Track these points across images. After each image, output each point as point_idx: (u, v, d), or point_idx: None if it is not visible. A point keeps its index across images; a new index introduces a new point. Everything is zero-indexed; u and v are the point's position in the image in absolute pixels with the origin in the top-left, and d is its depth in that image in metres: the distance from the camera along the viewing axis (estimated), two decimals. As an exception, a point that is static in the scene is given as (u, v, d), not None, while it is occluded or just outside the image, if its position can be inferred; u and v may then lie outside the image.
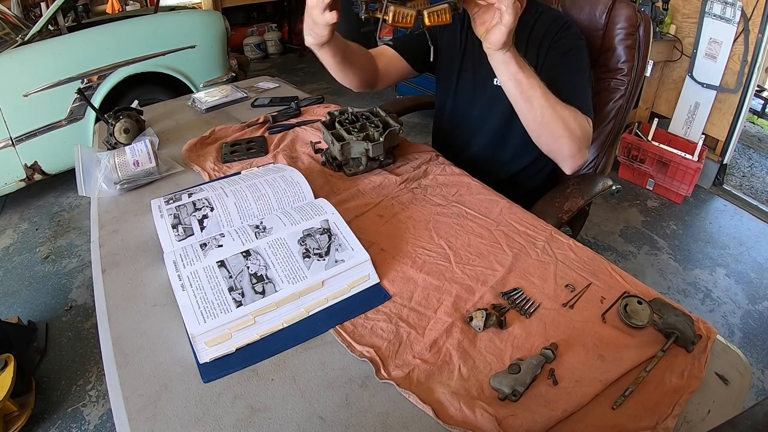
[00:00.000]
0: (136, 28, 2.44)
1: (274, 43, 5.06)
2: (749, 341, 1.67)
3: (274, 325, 0.65)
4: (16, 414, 1.36)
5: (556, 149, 0.92)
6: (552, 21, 1.03)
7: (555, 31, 1.01)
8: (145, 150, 1.00)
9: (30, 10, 3.62)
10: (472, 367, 0.59)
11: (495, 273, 0.74)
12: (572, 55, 0.99)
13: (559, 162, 0.96)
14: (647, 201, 2.46)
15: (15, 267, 2.08)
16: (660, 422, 0.53)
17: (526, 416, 0.53)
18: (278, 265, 0.69)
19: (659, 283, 1.91)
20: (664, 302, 0.66)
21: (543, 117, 0.86)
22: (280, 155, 1.07)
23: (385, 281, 0.72)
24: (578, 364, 0.59)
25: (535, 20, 1.04)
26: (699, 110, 2.45)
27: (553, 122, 0.87)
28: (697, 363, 0.59)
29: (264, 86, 1.54)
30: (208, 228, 0.78)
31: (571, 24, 1.03)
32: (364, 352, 0.61)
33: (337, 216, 0.78)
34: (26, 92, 2.16)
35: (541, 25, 1.03)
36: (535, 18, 1.04)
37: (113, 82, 2.35)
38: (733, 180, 2.67)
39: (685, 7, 2.41)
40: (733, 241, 2.17)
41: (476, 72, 1.11)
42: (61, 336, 1.72)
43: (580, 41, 1.02)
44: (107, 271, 0.77)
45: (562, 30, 1.01)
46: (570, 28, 1.02)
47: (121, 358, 0.61)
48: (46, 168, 2.35)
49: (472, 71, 1.12)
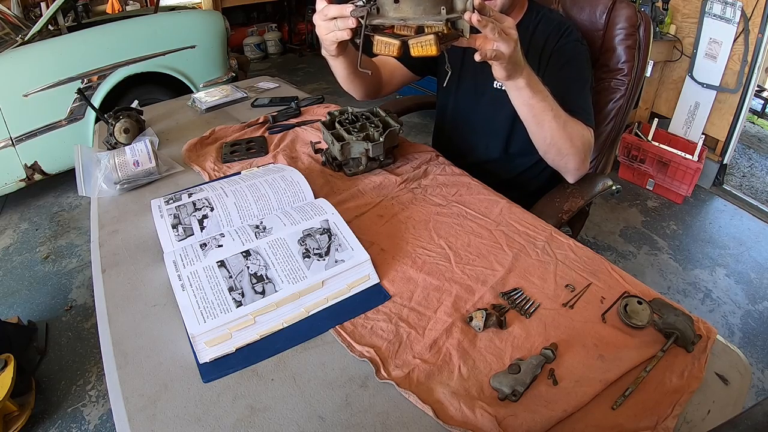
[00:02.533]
0: (136, 28, 2.43)
1: (274, 43, 5.06)
2: (749, 341, 1.67)
3: (274, 325, 0.65)
4: (16, 414, 1.36)
5: (562, 164, 0.95)
6: (553, 26, 1.02)
7: (556, 38, 1.00)
8: (145, 150, 1.00)
9: (30, 10, 3.62)
10: (472, 367, 0.59)
11: (495, 273, 0.74)
12: (574, 64, 0.99)
13: (563, 173, 0.99)
14: (647, 201, 2.46)
15: (15, 267, 2.08)
16: (660, 422, 0.53)
17: (526, 416, 0.53)
18: (278, 265, 0.69)
19: (659, 283, 1.91)
20: (664, 302, 0.66)
21: (552, 138, 0.88)
22: (280, 155, 1.07)
23: (385, 281, 0.72)
24: (578, 364, 0.59)
25: (536, 25, 1.03)
26: (699, 110, 2.45)
27: (561, 142, 0.88)
28: (697, 363, 0.59)
29: (264, 86, 1.54)
30: (208, 228, 0.78)
31: (572, 30, 1.02)
32: (364, 352, 0.61)
33: (337, 216, 0.78)
34: (26, 92, 2.15)
35: (542, 31, 1.02)
36: (535, 23, 1.03)
37: (113, 82, 2.35)
38: (733, 180, 2.67)
39: (685, 7, 2.41)
40: (733, 241, 2.17)
41: (476, 75, 1.10)
42: (61, 336, 1.72)
43: (582, 46, 1.02)
44: (107, 271, 0.77)
45: (563, 37, 1.00)
46: (571, 34, 1.01)
47: (121, 358, 0.61)
48: (46, 168, 2.35)
49: (472, 74, 1.11)
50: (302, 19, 5.09)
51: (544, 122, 0.85)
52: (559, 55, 0.99)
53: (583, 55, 1.01)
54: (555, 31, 1.01)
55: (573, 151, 0.90)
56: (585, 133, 0.91)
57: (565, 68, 0.98)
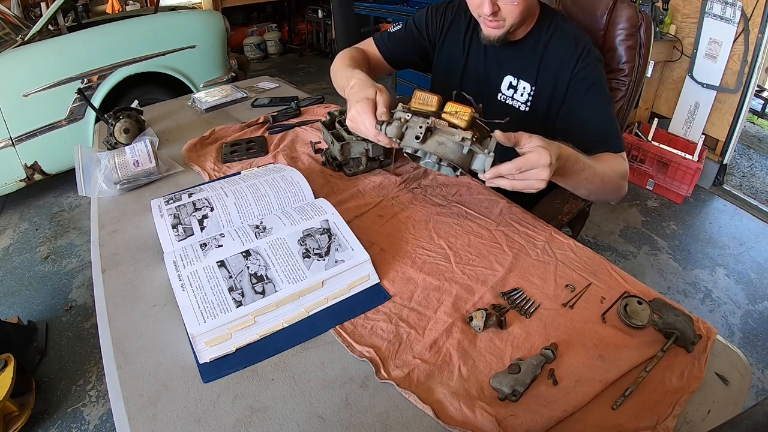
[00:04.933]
0: (136, 28, 2.43)
1: (274, 43, 5.06)
2: (749, 341, 1.67)
3: (274, 325, 0.65)
4: (16, 414, 1.36)
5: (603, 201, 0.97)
6: (569, 44, 0.95)
7: (574, 59, 0.94)
8: (145, 150, 1.00)
9: (30, 10, 3.62)
10: (472, 367, 0.59)
11: (495, 273, 0.74)
12: (598, 87, 0.94)
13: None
14: (647, 201, 2.46)
15: (15, 267, 2.08)
16: (660, 422, 0.53)
17: (526, 416, 0.53)
18: (278, 265, 0.69)
19: (659, 283, 1.91)
20: (664, 302, 0.66)
21: (590, 194, 0.88)
22: (280, 155, 1.07)
23: (385, 281, 0.72)
24: (578, 364, 0.59)
25: (549, 38, 0.97)
26: (699, 110, 2.45)
27: (599, 193, 0.89)
28: (697, 363, 0.59)
29: (264, 86, 1.54)
30: (208, 228, 0.78)
31: (589, 49, 0.95)
32: (364, 352, 0.61)
33: (337, 216, 0.78)
34: (26, 92, 2.16)
35: (557, 47, 0.96)
36: (548, 35, 0.97)
37: (113, 82, 2.35)
38: (733, 180, 2.67)
39: (685, 7, 2.41)
40: (733, 241, 2.17)
41: (479, 84, 1.06)
42: (61, 336, 1.72)
43: (600, 64, 0.97)
44: (107, 271, 0.77)
45: (582, 59, 0.94)
46: (589, 54, 0.95)
47: (121, 358, 0.61)
48: (46, 168, 2.35)
49: (474, 79, 1.07)
50: (302, 19, 5.09)
51: (579, 189, 0.86)
52: (581, 81, 0.94)
53: (603, 73, 0.97)
54: (571, 51, 0.95)
55: (610, 192, 0.90)
56: (620, 167, 0.89)
57: (590, 94, 0.94)
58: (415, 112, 0.73)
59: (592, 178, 0.83)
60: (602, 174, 0.85)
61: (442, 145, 0.70)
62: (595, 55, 0.96)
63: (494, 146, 0.71)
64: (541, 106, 1.00)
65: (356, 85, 0.83)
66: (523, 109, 1.02)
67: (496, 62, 1.03)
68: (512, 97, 1.03)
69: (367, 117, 0.76)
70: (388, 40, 1.12)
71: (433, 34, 1.10)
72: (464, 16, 1.04)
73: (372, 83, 0.82)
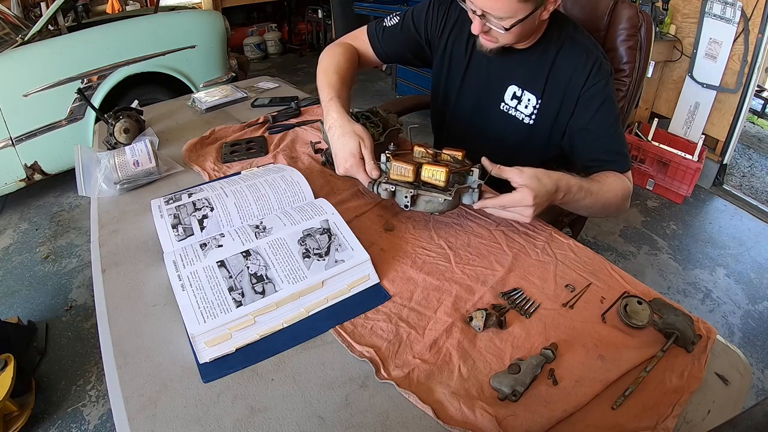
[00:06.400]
0: (136, 28, 2.43)
1: (274, 43, 5.06)
2: (749, 341, 1.67)
3: (274, 325, 0.65)
4: (16, 414, 1.36)
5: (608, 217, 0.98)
6: (579, 59, 0.91)
7: (584, 75, 0.90)
8: (145, 150, 1.00)
9: (30, 10, 3.62)
10: (472, 367, 0.59)
11: (495, 273, 0.74)
12: (608, 104, 0.91)
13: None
14: (647, 201, 2.46)
15: (15, 267, 2.08)
16: (660, 422, 0.53)
17: (526, 416, 0.53)
18: (278, 265, 0.69)
19: (659, 283, 1.91)
20: (664, 302, 0.66)
21: (590, 215, 0.91)
22: (280, 155, 1.07)
23: (385, 281, 0.72)
24: (578, 364, 0.59)
25: (557, 49, 0.92)
26: (699, 110, 2.45)
27: (599, 214, 0.91)
28: (697, 363, 0.59)
29: (264, 86, 1.54)
30: (208, 228, 0.78)
31: (601, 63, 0.90)
32: (364, 352, 0.61)
33: (337, 216, 0.78)
34: (26, 92, 2.15)
35: (567, 61, 0.92)
36: (557, 46, 0.92)
37: (113, 82, 2.35)
38: (733, 180, 2.67)
39: (685, 7, 2.41)
40: (733, 241, 2.17)
41: (480, 91, 1.03)
42: (61, 336, 1.72)
43: (611, 77, 0.93)
44: (107, 271, 0.77)
45: (592, 75, 0.90)
46: (600, 69, 0.90)
47: (121, 358, 0.61)
48: (46, 168, 2.35)
49: (476, 86, 1.03)
50: (302, 19, 5.09)
51: (580, 210, 0.89)
52: (591, 98, 0.91)
53: (614, 88, 0.94)
54: (582, 65, 0.90)
55: (614, 210, 0.92)
56: (624, 189, 0.89)
57: (600, 111, 0.90)
58: (396, 183, 0.78)
59: (593, 204, 0.85)
60: (604, 199, 0.86)
61: (430, 203, 0.77)
62: (607, 69, 0.92)
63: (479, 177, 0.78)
64: (547, 121, 0.96)
65: (335, 127, 0.84)
66: (528, 122, 0.98)
67: (500, 70, 0.98)
68: (516, 108, 0.99)
69: (360, 176, 0.81)
70: (382, 34, 1.07)
71: (432, 33, 1.04)
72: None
73: (351, 129, 0.83)
